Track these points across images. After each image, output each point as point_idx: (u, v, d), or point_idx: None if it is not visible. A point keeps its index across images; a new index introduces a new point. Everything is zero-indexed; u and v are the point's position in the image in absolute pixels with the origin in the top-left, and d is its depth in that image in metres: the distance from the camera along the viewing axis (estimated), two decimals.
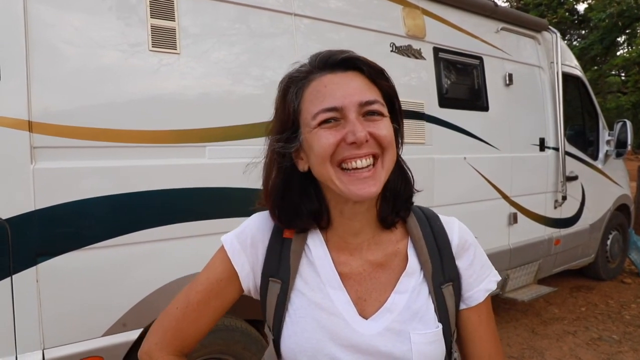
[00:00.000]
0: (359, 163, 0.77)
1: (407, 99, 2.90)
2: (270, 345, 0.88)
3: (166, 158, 2.00)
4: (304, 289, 0.85)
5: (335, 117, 0.77)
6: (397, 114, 0.86)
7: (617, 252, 5.20)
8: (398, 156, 0.87)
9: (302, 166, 0.84)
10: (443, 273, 0.87)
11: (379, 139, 0.78)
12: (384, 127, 0.79)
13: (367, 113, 0.78)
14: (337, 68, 0.81)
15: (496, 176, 3.53)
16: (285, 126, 0.83)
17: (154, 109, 1.97)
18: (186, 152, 2.05)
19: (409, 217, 0.91)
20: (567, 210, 4.25)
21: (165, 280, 1.99)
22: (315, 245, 0.88)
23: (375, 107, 0.78)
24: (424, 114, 2.98)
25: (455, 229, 0.91)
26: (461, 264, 0.90)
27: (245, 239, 0.89)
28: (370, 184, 0.77)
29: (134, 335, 1.93)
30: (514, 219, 3.68)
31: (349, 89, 0.78)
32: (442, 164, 3.09)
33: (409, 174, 0.90)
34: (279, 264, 0.86)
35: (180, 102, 2.04)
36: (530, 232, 3.86)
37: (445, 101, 3.15)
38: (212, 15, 2.16)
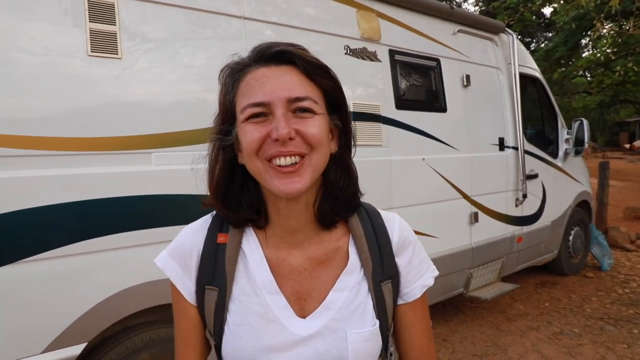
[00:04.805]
0: (283, 161, 0.76)
1: (363, 101, 2.90)
2: (213, 351, 0.88)
3: (109, 165, 1.94)
4: (241, 296, 0.84)
5: (263, 112, 0.76)
6: (342, 112, 0.84)
7: (579, 248, 5.34)
8: (346, 156, 0.87)
9: (241, 159, 0.83)
10: (383, 270, 0.87)
11: (306, 137, 0.76)
12: (313, 125, 0.77)
13: (297, 110, 0.76)
14: (272, 61, 0.78)
15: (456, 176, 3.57)
16: (224, 118, 0.83)
17: (94, 115, 1.92)
18: (130, 159, 2.00)
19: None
20: (529, 208, 4.33)
21: (108, 292, 1.93)
22: (251, 249, 0.87)
23: (305, 104, 0.76)
24: (380, 115, 2.98)
25: (395, 226, 0.91)
26: (400, 261, 0.90)
27: (179, 254, 0.88)
28: (294, 180, 0.76)
29: (77, 350, 1.86)
30: (475, 218, 3.73)
31: (279, 84, 0.76)
32: (400, 165, 3.10)
33: (354, 173, 0.89)
34: (214, 271, 0.85)
35: (122, 108, 1.98)
36: (492, 230, 3.92)
37: (402, 103, 3.17)
38: (155, 19, 2.11)
